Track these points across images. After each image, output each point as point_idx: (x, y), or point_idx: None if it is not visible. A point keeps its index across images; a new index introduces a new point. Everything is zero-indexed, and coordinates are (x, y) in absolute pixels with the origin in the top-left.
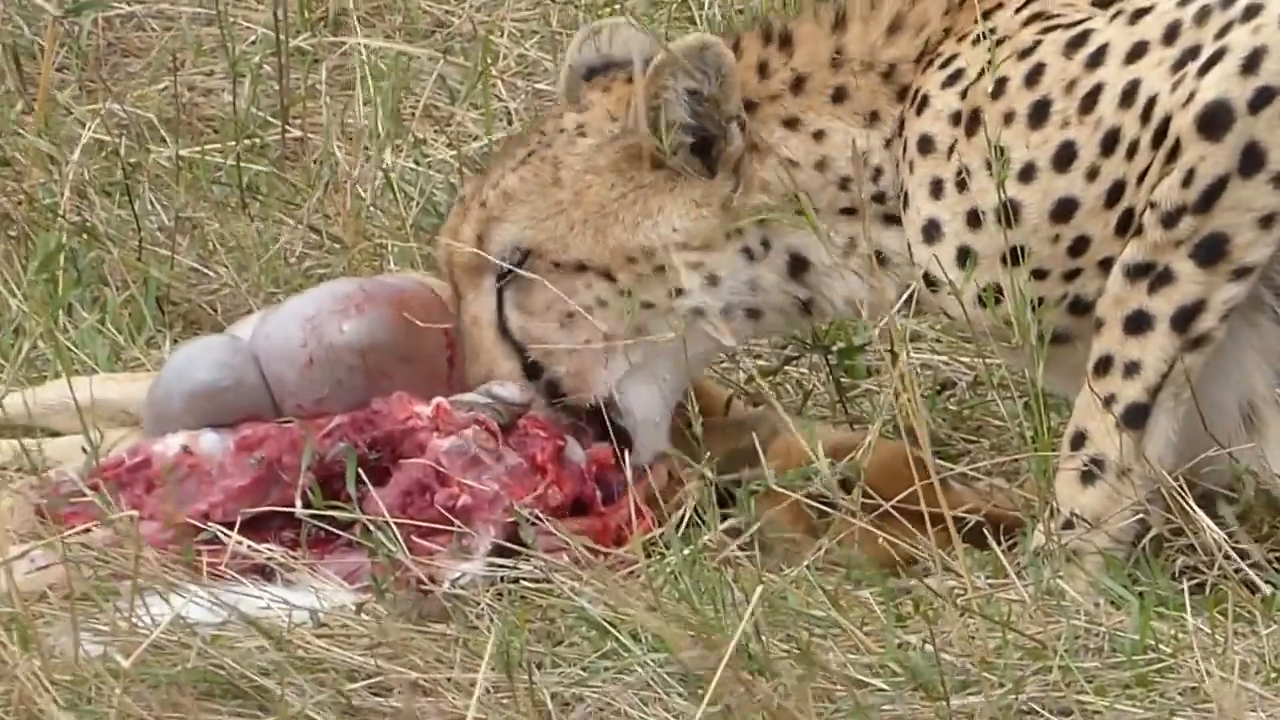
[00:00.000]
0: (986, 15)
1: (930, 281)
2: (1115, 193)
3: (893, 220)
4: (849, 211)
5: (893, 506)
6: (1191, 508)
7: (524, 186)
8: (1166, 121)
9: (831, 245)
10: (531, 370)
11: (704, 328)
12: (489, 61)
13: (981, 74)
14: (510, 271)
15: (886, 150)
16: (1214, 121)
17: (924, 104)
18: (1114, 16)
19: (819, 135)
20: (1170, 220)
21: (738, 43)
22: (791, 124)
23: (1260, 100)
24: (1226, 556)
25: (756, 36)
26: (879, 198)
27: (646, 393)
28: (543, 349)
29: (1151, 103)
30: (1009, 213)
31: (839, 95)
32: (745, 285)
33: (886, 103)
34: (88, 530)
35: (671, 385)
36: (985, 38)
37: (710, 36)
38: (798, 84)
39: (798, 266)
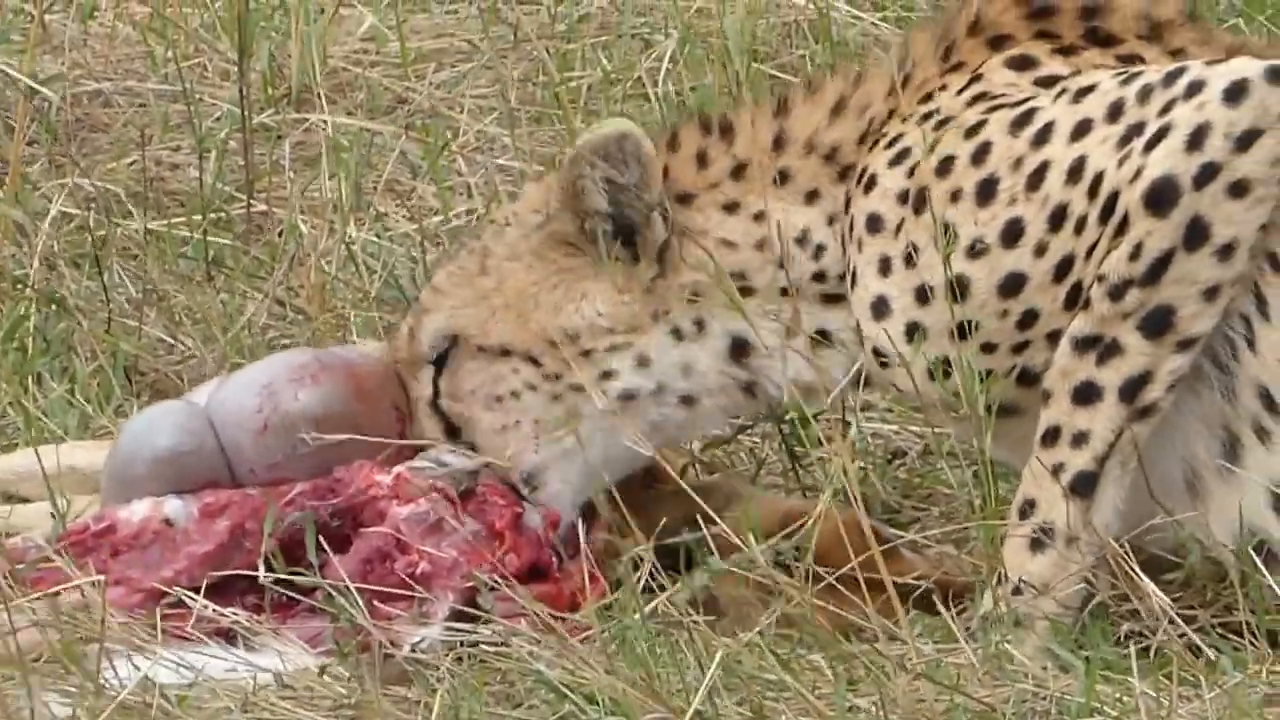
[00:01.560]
0: (930, 97)
1: (879, 356)
2: (1063, 267)
3: (835, 299)
4: (785, 292)
5: (845, 573)
6: (1137, 574)
7: (451, 280)
8: (1114, 197)
9: (772, 326)
10: (451, 434)
11: (637, 409)
12: (449, 137)
13: (929, 152)
14: (440, 361)
15: (829, 228)
16: (1161, 197)
17: (871, 183)
18: (1058, 95)
19: (759, 217)
20: (1118, 293)
21: (675, 135)
22: (731, 208)
23: (1205, 176)
24: (1171, 622)
25: (695, 128)
26: (819, 276)
27: (568, 478)
28: (467, 428)
29: (1098, 179)
30: (957, 289)
31: (781, 177)
32: (677, 368)
33: (829, 182)
34: (55, 594)
35: (593, 476)
36: (930, 117)
37: (628, 125)
38: (738, 170)
39: (738, 349)
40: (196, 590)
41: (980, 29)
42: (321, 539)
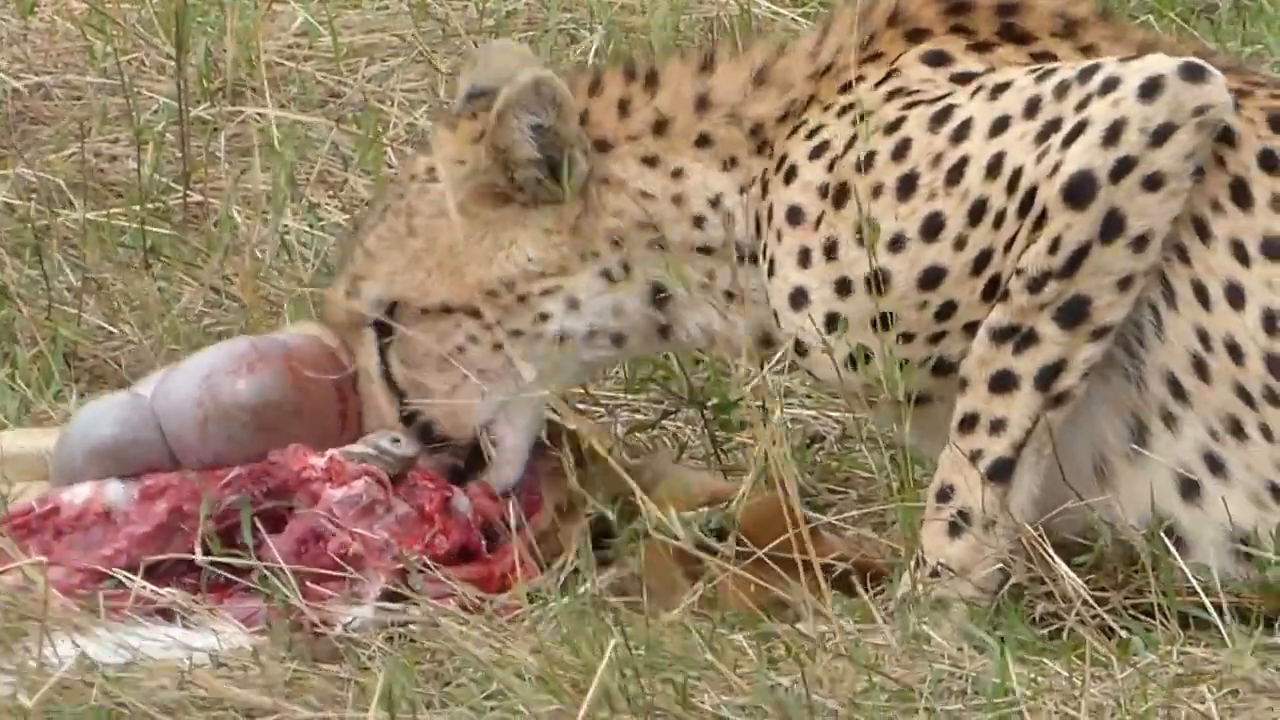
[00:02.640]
0: (848, 87)
1: (798, 345)
2: (982, 260)
3: (743, 260)
4: (704, 250)
5: (766, 554)
6: (1051, 557)
7: (382, 243)
8: (1032, 192)
9: (689, 279)
10: (408, 415)
11: (572, 350)
12: (380, 130)
13: (849, 147)
14: (384, 326)
15: (739, 196)
16: (1079, 191)
17: (792, 174)
18: (975, 92)
19: (677, 173)
20: (1036, 285)
21: (598, 79)
22: (650, 161)
23: (1121, 170)
24: (1084, 603)
25: (619, 74)
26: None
27: (517, 425)
28: (417, 394)
29: (1017, 174)
30: (879, 281)
31: (702, 141)
32: (609, 310)
33: (746, 154)
34: None
35: (540, 415)
36: (849, 111)
37: (541, 71)
38: (660, 126)
39: (658, 294)
40: (136, 571)
41: (899, 20)
42: (257, 521)
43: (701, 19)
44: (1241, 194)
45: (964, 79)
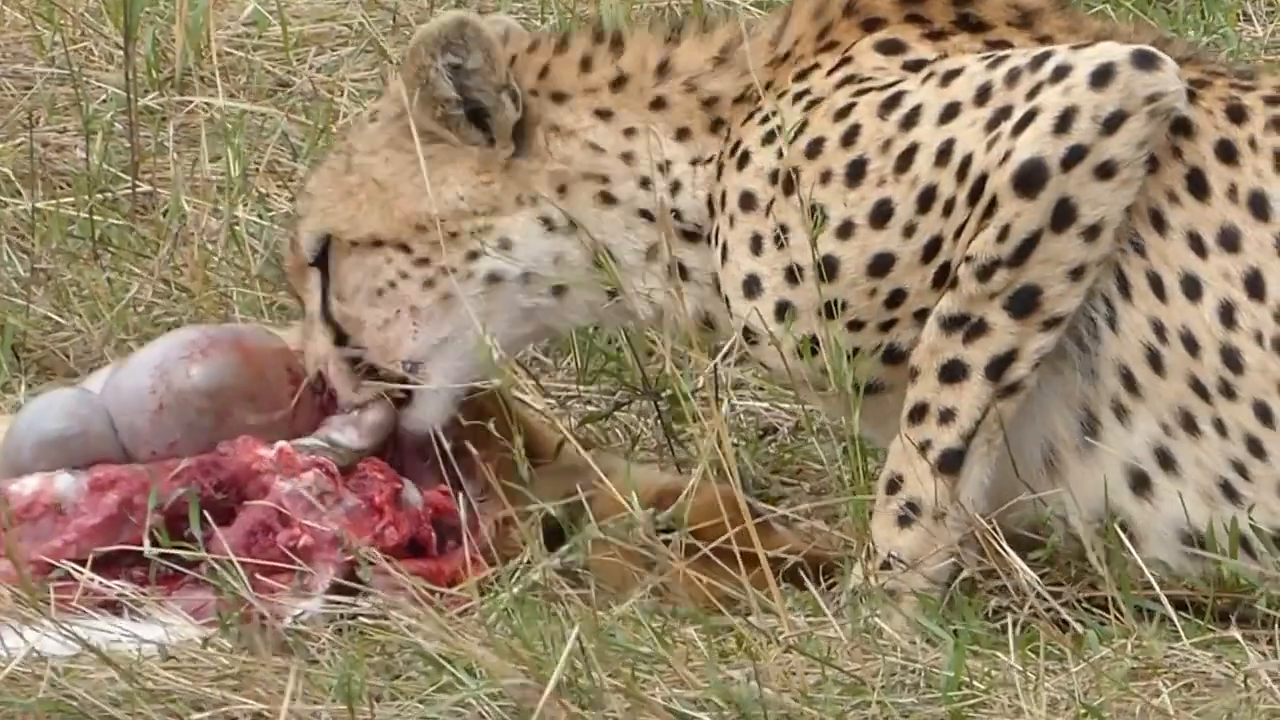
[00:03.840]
0: (803, 75)
1: (749, 334)
2: (932, 248)
3: (692, 237)
4: (646, 215)
5: (718, 547)
6: (1004, 550)
7: (321, 182)
8: (982, 179)
9: (633, 243)
10: (340, 343)
11: (506, 293)
12: (329, 119)
13: (799, 133)
14: (324, 265)
15: (690, 167)
16: (1029, 179)
17: (745, 159)
18: (925, 78)
19: (629, 132)
20: (985, 273)
21: (565, 39)
22: (604, 114)
23: (1072, 158)
24: (1038, 596)
25: (588, 35)
26: (675, 213)
27: (445, 366)
28: (353, 329)
29: (967, 161)
30: (826, 268)
31: (657, 104)
32: (547, 256)
33: (701, 129)
34: None
35: (473, 364)
36: (802, 98)
37: (468, 14)
38: (618, 82)
39: (604, 254)
40: (85, 563)
41: (855, 10)
42: (207, 513)
43: (652, 8)
44: (1198, 185)
45: (916, 66)
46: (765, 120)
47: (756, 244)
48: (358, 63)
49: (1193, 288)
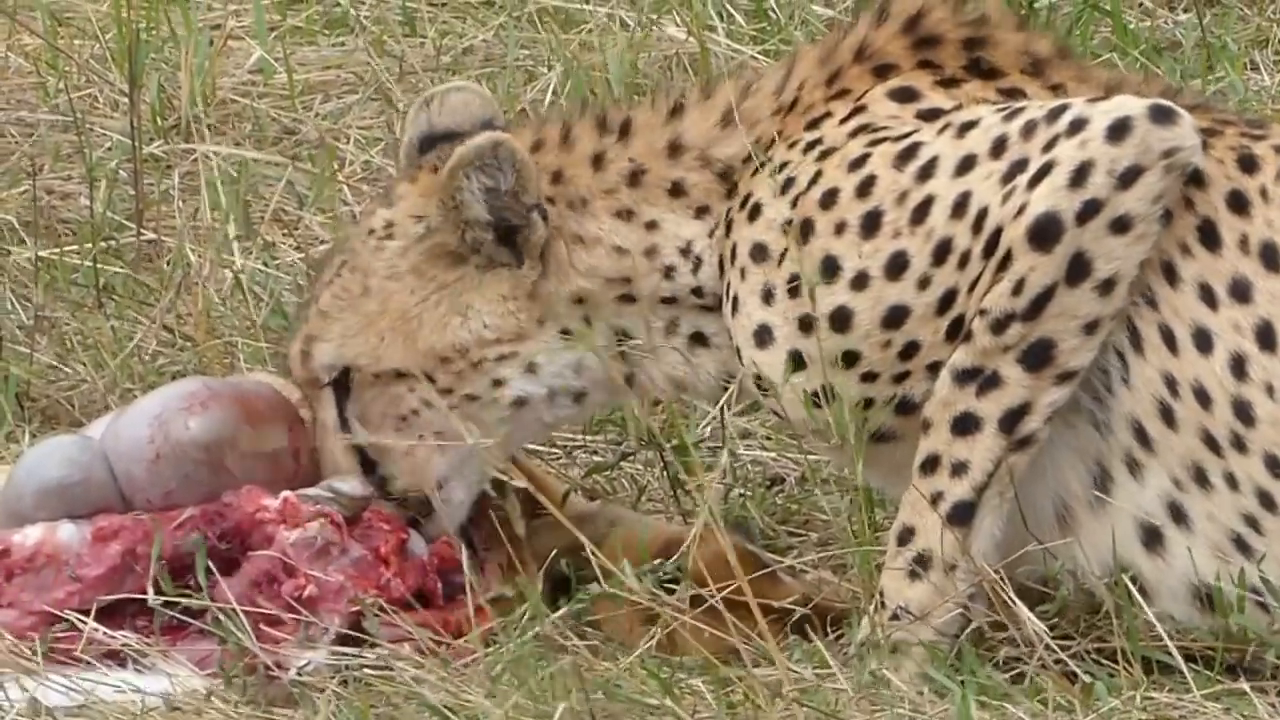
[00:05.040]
0: (815, 124)
1: (760, 383)
2: (946, 300)
3: (711, 308)
4: (667, 301)
5: (725, 598)
6: (1013, 601)
7: (336, 303)
8: (997, 232)
9: (654, 327)
10: (367, 467)
11: (532, 413)
12: (335, 168)
13: (813, 183)
14: (340, 389)
15: (708, 240)
16: (1045, 233)
17: (756, 211)
18: (941, 129)
19: (651, 225)
20: (1000, 327)
21: (569, 132)
22: (625, 215)
23: (1087, 212)
24: (1046, 647)
25: (591, 126)
26: (697, 290)
27: (467, 479)
28: (376, 450)
29: (983, 214)
30: (840, 319)
31: (676, 190)
32: (569, 368)
33: (717, 199)
34: None
35: (489, 471)
36: (815, 147)
37: (501, 134)
38: (635, 176)
39: (620, 343)
40: (88, 613)
41: (866, 56)
42: (211, 563)
43: (660, 57)
44: (1210, 236)
45: (931, 115)
46: (776, 172)
47: (768, 295)
48: (364, 110)
49: (1204, 340)
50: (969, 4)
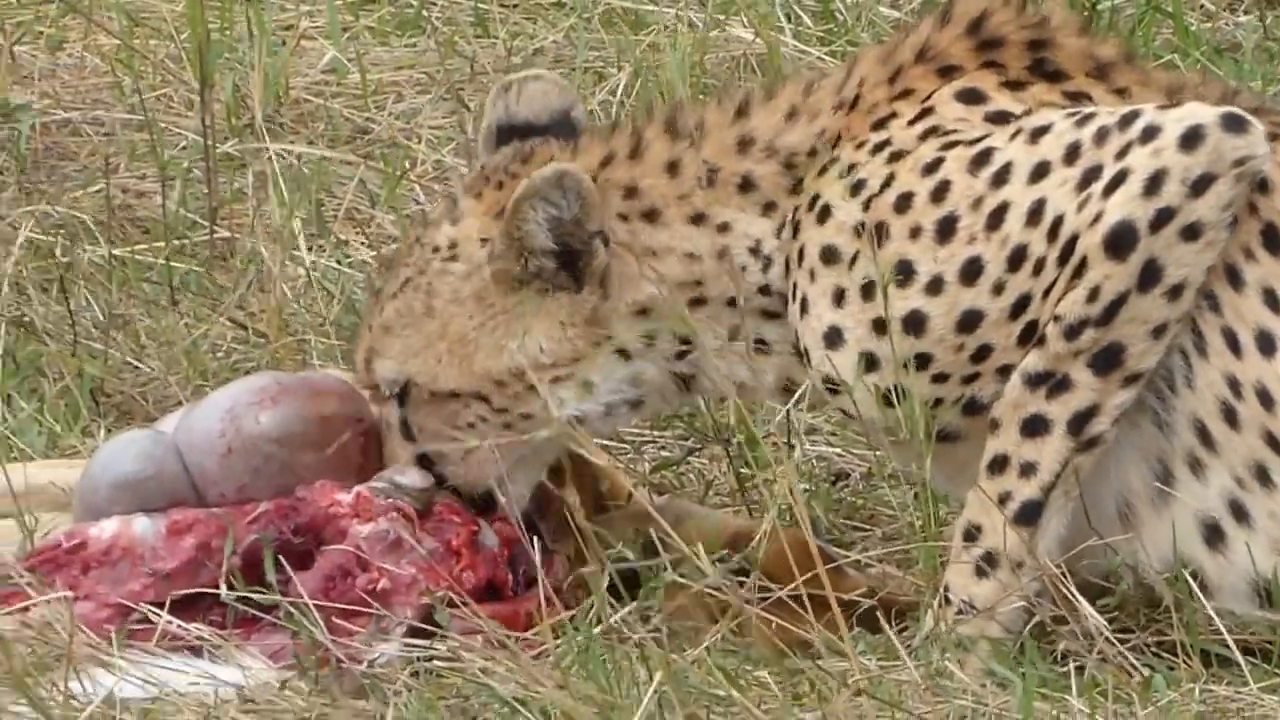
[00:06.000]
0: (881, 124)
1: (829, 383)
2: (1020, 306)
3: (774, 315)
4: (731, 302)
5: (791, 592)
6: (1074, 596)
7: (399, 320)
8: (1073, 240)
9: (718, 331)
10: (427, 466)
11: (588, 428)
12: (407, 166)
13: (885, 186)
14: (400, 399)
15: (776, 240)
16: (1120, 242)
17: (826, 213)
18: (1014, 135)
19: (723, 228)
20: (1073, 333)
21: (639, 142)
22: (697, 220)
23: (1161, 220)
24: (1106, 641)
25: (662, 132)
26: (765, 289)
27: (526, 477)
28: (436, 454)
29: (1058, 222)
30: (914, 323)
31: (745, 185)
32: (625, 382)
33: (784, 194)
34: (25, 610)
35: (543, 471)
36: (884, 148)
37: (567, 165)
38: (710, 177)
39: (685, 351)
40: (163, 606)
41: (929, 56)
42: (284, 557)
43: (728, 57)
44: (1273, 240)
45: (1000, 118)
46: (846, 173)
47: (839, 297)
48: (436, 110)
49: (1267, 343)
50: (1032, 6)
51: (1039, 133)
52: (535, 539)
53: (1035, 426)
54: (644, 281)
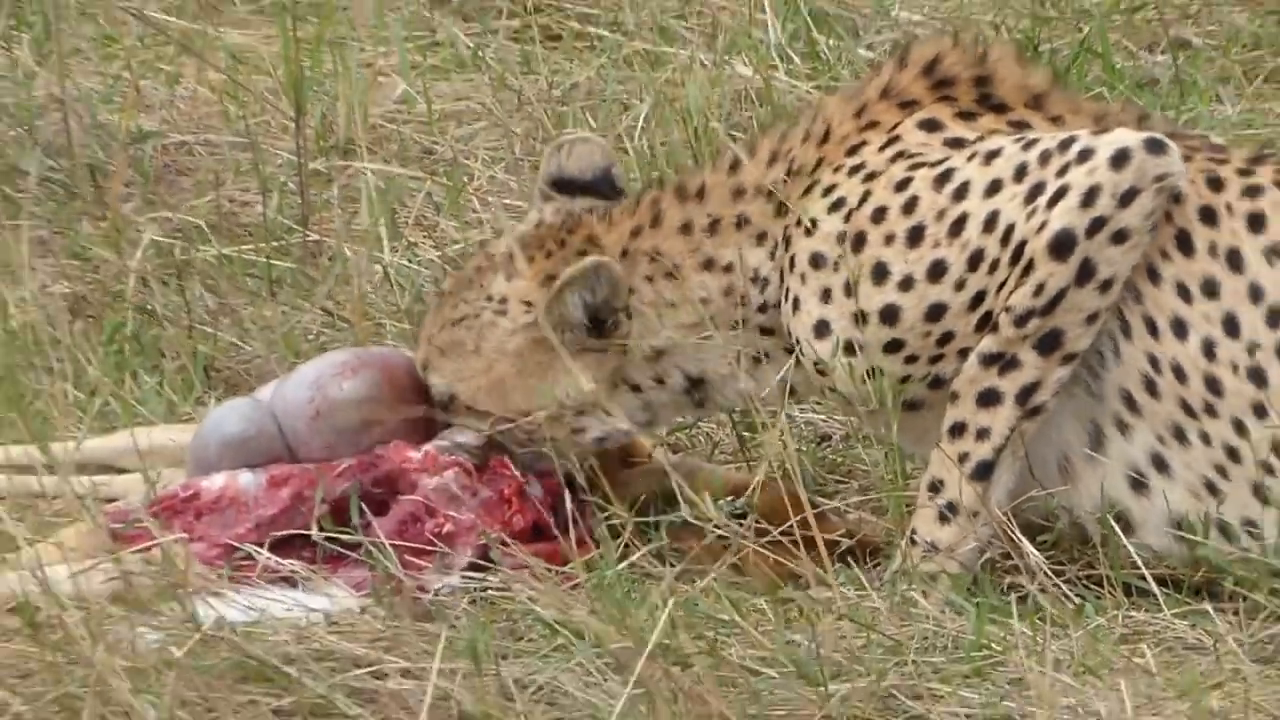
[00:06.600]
0: (854, 150)
1: (818, 366)
2: (978, 299)
3: (769, 331)
4: (734, 325)
5: (782, 534)
6: (1018, 538)
7: (452, 349)
8: (1022, 245)
9: (724, 358)
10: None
11: (610, 442)
12: (465, 181)
13: (863, 201)
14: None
15: (771, 261)
16: (1061, 246)
17: (811, 228)
18: (970, 157)
19: (729, 268)
20: (1022, 321)
21: (658, 211)
22: (708, 265)
23: (1095, 228)
24: (1045, 575)
25: (674, 199)
26: (763, 307)
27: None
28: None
29: (1010, 230)
30: (889, 315)
31: (740, 222)
32: (639, 409)
33: (770, 220)
34: (149, 549)
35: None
36: (859, 170)
37: (601, 258)
38: (713, 227)
39: (694, 384)
40: (263, 545)
41: (891, 94)
42: (365, 504)
43: (733, 91)
44: (1185, 243)
45: (956, 143)
46: (828, 192)
47: (826, 295)
48: (489, 135)
49: (1180, 328)
50: (980, 44)
51: (992, 155)
52: (572, 491)
53: (989, 398)
54: (661, 330)
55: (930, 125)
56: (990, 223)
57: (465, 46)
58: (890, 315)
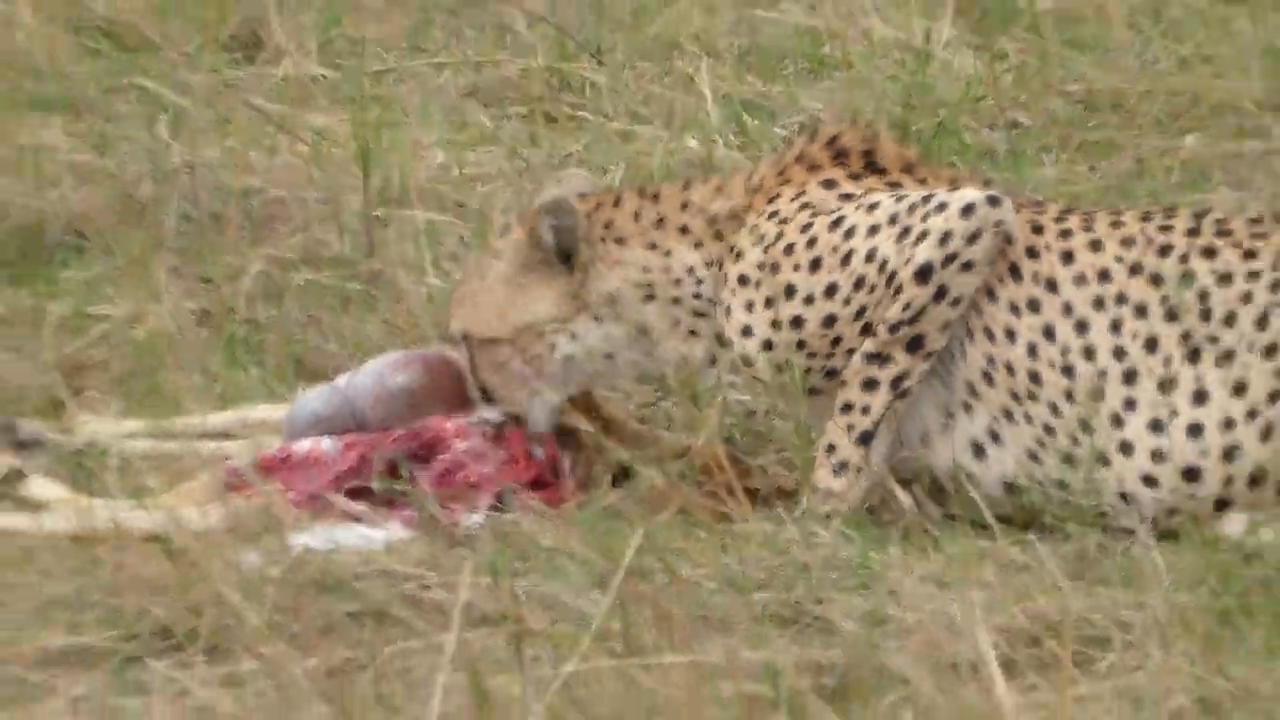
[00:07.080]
0: (772, 200)
1: (744, 359)
2: (861, 312)
3: (701, 314)
4: (676, 301)
5: (721, 482)
6: (893, 488)
7: (466, 294)
8: (894, 273)
9: (664, 320)
10: (487, 397)
11: (576, 365)
12: (487, 225)
13: (778, 238)
14: (467, 347)
15: (707, 269)
16: (924, 274)
17: (740, 255)
18: (857, 207)
19: (668, 253)
20: (894, 329)
21: (619, 198)
22: (651, 247)
23: (949, 260)
24: (912, 515)
25: (634, 194)
26: (697, 296)
27: (543, 404)
28: (490, 386)
29: (885, 262)
30: (796, 322)
31: (683, 230)
32: (600, 340)
33: (709, 239)
34: (253, 496)
35: (558, 399)
36: (775, 215)
37: (564, 194)
38: (659, 222)
39: (641, 333)
40: (340, 493)
41: (803, 160)
42: (413, 462)
43: (684, 159)
44: (1016, 272)
45: (847, 198)
46: (752, 231)
47: (750, 306)
48: (505, 192)
49: (1011, 336)
50: (867, 128)
51: (873, 206)
52: (565, 451)
53: (870, 385)
54: (611, 279)
55: (829, 184)
56: (870, 256)
57: (487, 126)
58: (797, 323)
